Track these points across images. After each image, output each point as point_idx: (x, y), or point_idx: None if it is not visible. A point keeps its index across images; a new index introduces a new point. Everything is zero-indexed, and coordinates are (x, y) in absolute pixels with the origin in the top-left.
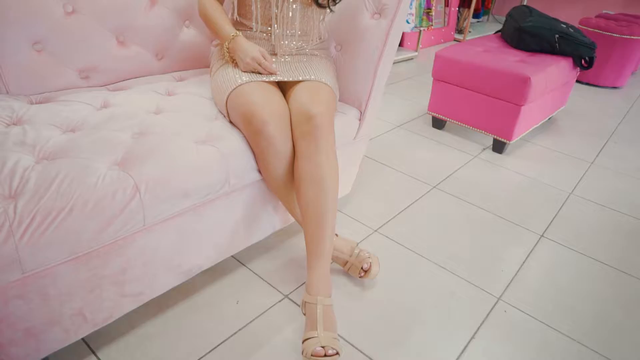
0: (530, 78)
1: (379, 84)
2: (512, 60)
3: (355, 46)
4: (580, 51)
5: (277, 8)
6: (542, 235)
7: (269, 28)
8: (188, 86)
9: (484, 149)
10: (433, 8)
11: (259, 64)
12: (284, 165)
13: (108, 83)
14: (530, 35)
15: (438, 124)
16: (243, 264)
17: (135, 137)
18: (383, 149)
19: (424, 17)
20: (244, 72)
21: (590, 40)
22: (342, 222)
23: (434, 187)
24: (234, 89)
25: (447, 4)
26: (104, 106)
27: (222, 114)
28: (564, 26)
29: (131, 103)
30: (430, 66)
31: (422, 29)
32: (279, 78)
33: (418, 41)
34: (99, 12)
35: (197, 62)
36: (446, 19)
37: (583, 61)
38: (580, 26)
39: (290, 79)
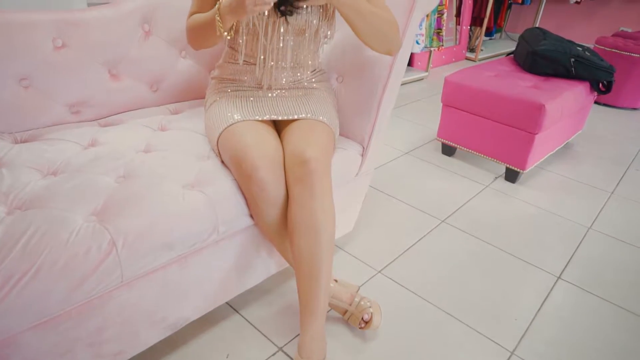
0: (544, 106)
1: (382, 117)
2: (525, 85)
3: (358, 78)
4: (597, 75)
5: (266, 39)
6: (559, 277)
7: (261, 58)
8: (182, 120)
9: (496, 178)
10: (443, 28)
11: None
12: (276, 211)
13: (100, 117)
14: (545, 59)
15: (448, 150)
16: (236, 311)
17: (119, 181)
18: (390, 179)
19: (435, 37)
20: (253, 11)
21: (608, 64)
22: (344, 262)
23: (443, 221)
24: (225, 128)
25: (458, 22)
26: (92, 144)
27: (214, 151)
28: (580, 49)
29: (120, 141)
30: (441, 86)
31: (432, 49)
32: (272, 117)
33: (428, 61)
34: (90, 45)
35: (194, 93)
36: (457, 38)
37: (601, 85)
38: (597, 46)
39: (285, 118)
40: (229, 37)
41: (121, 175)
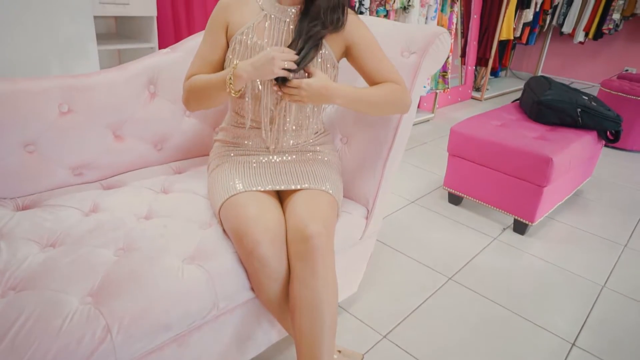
0: (552, 159)
1: (387, 180)
2: (532, 136)
3: (362, 139)
4: (604, 125)
5: (269, 102)
6: (573, 344)
7: (265, 121)
8: (185, 180)
9: (505, 229)
10: (449, 71)
11: (283, 52)
12: (278, 285)
13: (103, 178)
14: (551, 109)
15: (455, 199)
16: None
17: (118, 254)
18: (395, 231)
19: (440, 80)
20: (269, 73)
21: (615, 114)
22: (348, 326)
23: (450, 278)
24: (227, 198)
25: (463, 63)
26: (93, 210)
27: (215, 217)
28: (586, 98)
29: (121, 206)
30: (447, 127)
31: (438, 91)
32: (275, 188)
33: (434, 102)
34: (95, 109)
35: (197, 151)
36: (463, 77)
37: (609, 133)
38: (603, 89)
39: (288, 188)
40: (236, 97)
41: (121, 247)
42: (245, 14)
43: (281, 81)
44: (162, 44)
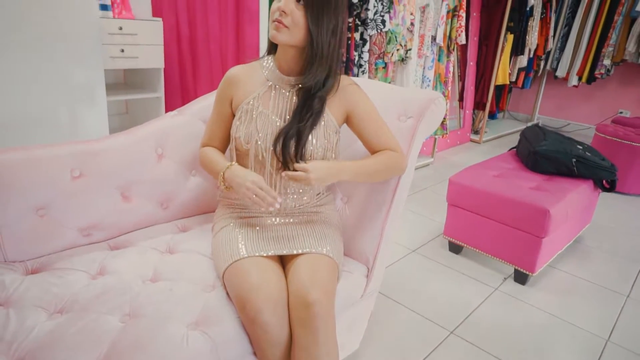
0: (549, 211)
1: (387, 239)
2: (528, 186)
3: (362, 200)
4: (600, 175)
5: (273, 167)
6: None
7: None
8: (190, 240)
9: (505, 279)
10: (447, 117)
11: (261, 188)
12: (280, 351)
13: (110, 238)
14: (546, 159)
15: (455, 248)
16: None
17: (124, 320)
18: (396, 282)
19: (439, 127)
20: (244, 198)
21: (610, 163)
22: None
23: (452, 332)
24: (231, 264)
25: (461, 107)
26: (100, 273)
27: (219, 280)
28: (580, 148)
29: (128, 268)
30: (447, 171)
31: (436, 137)
32: (277, 253)
33: (433, 147)
34: (105, 172)
35: (202, 208)
36: (462, 121)
37: (605, 182)
38: (597, 133)
39: (290, 253)
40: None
41: (127, 313)
42: (252, 85)
43: (280, 154)
44: (168, 94)
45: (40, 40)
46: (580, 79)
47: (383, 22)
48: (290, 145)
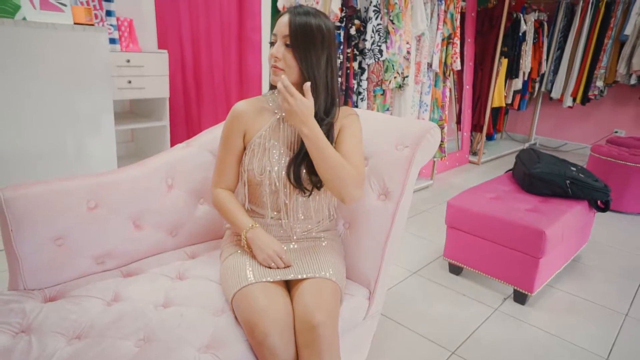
0: (544, 232)
1: (387, 262)
2: (524, 208)
3: (362, 226)
4: (594, 196)
5: (287, 197)
6: None
7: (280, 215)
8: (199, 266)
9: (505, 299)
10: (445, 140)
11: (280, 258)
12: None
13: (122, 265)
14: (541, 181)
15: (455, 269)
16: None
17: (139, 345)
18: (398, 303)
19: (437, 149)
20: (262, 264)
21: (603, 184)
22: None
23: (453, 352)
24: (240, 289)
25: (459, 129)
26: (114, 299)
27: (228, 304)
28: (574, 170)
29: (141, 295)
30: (446, 193)
31: (435, 159)
32: (284, 278)
33: (433, 169)
34: (118, 202)
35: (210, 235)
36: (460, 144)
37: (599, 202)
38: (592, 154)
39: (295, 278)
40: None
41: (141, 338)
42: (261, 118)
43: (294, 180)
44: (173, 122)
45: (53, 75)
46: (574, 100)
47: (380, 51)
48: (302, 171)
